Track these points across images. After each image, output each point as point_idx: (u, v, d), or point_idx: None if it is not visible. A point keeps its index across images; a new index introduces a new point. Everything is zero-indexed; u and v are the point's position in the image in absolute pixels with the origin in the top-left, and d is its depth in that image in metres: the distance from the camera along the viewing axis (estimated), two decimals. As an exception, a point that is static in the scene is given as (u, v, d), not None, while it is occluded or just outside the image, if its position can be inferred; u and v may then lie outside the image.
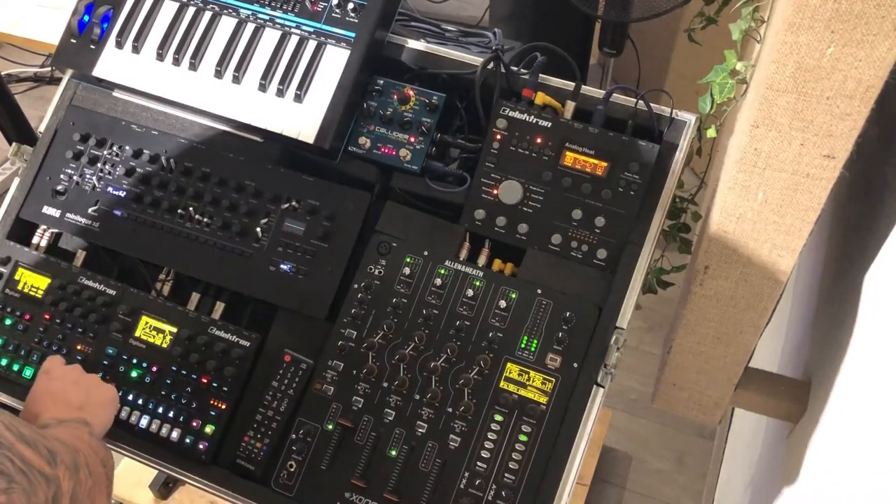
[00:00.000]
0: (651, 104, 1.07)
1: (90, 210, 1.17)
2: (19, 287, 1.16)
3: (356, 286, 1.07)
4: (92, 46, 1.19)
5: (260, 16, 1.17)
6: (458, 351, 1.02)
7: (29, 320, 1.14)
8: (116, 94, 1.22)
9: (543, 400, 0.99)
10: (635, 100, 1.08)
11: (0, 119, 2.19)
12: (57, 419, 0.89)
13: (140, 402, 1.08)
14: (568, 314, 1.01)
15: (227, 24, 1.17)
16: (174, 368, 1.08)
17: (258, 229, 1.12)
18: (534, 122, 1.08)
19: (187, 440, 1.06)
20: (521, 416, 0.99)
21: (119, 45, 1.18)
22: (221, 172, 1.15)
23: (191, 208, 1.14)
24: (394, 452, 1.00)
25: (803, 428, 1.16)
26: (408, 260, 1.07)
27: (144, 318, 1.11)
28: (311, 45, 1.14)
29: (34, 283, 1.16)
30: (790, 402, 1.18)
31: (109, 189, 1.17)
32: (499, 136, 1.08)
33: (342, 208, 1.11)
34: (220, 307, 1.13)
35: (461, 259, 1.07)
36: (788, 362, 1.39)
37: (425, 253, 1.07)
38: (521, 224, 1.06)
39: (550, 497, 0.96)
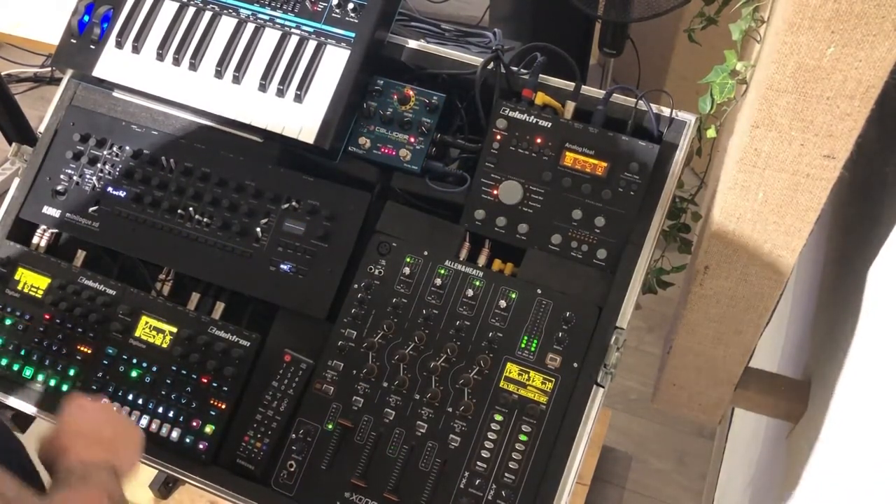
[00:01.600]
0: (651, 104, 1.07)
1: (90, 210, 1.17)
2: (19, 287, 1.16)
3: (356, 286, 1.07)
4: (92, 46, 1.19)
5: (260, 16, 1.17)
6: (458, 351, 1.02)
7: (29, 320, 1.14)
8: (116, 94, 1.22)
9: (543, 400, 0.99)
10: (635, 100, 1.08)
11: (0, 119, 2.19)
12: (83, 463, 0.84)
13: (140, 402, 1.08)
14: (568, 314, 1.01)
15: (227, 24, 1.17)
16: (174, 368, 1.08)
17: (258, 229, 1.12)
18: (534, 122, 1.08)
19: (187, 440, 1.06)
20: (521, 415, 0.99)
21: (119, 45, 1.18)
22: (221, 172, 1.15)
23: (191, 208, 1.14)
24: (394, 452, 1.00)
25: (803, 428, 1.16)
26: (408, 260, 1.07)
27: (144, 318, 1.11)
28: (311, 45, 1.14)
29: (34, 283, 1.16)
30: (790, 402, 1.18)
31: (109, 189, 1.17)
32: (499, 136, 1.08)
33: (342, 208, 1.11)
34: (220, 307, 1.13)
35: (461, 259, 1.07)
36: (788, 362, 1.39)
37: (425, 253, 1.07)
38: (521, 224, 1.06)
39: (550, 497, 0.96)
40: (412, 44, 1.18)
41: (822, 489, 0.97)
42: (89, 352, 1.11)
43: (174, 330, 1.10)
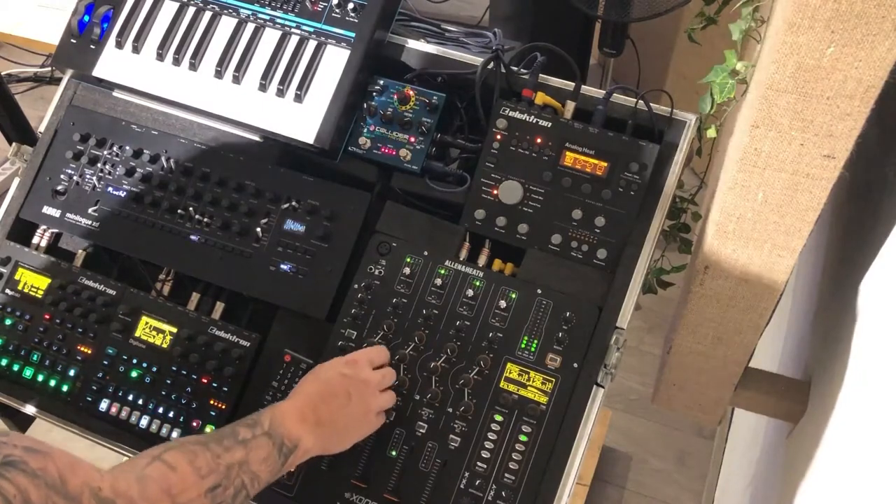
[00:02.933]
0: (651, 104, 1.07)
1: (90, 210, 1.17)
2: (19, 287, 1.16)
3: (356, 286, 1.07)
4: (92, 46, 1.19)
5: (260, 16, 1.17)
6: (458, 351, 1.02)
7: (29, 320, 1.14)
8: (116, 94, 1.22)
9: (543, 400, 0.99)
10: (635, 100, 1.08)
11: (0, 119, 2.20)
12: (287, 421, 0.88)
13: (140, 402, 1.08)
14: (568, 314, 1.01)
15: (227, 24, 1.17)
16: (174, 368, 1.08)
17: (258, 229, 1.12)
18: (534, 122, 1.08)
19: (187, 440, 1.06)
20: (521, 416, 0.99)
21: (119, 45, 1.18)
22: (221, 172, 1.15)
23: (191, 208, 1.14)
24: (394, 452, 1.00)
25: (803, 428, 1.16)
26: (408, 260, 1.07)
27: (144, 318, 1.11)
28: (311, 45, 1.14)
29: (34, 283, 1.16)
30: (790, 402, 1.18)
31: (109, 189, 1.17)
32: (499, 136, 1.08)
33: (342, 208, 1.11)
34: (220, 307, 1.13)
35: (461, 259, 1.07)
36: (788, 362, 1.39)
37: (425, 253, 1.07)
38: (521, 224, 1.06)
39: (550, 497, 0.96)
40: (412, 44, 1.18)
41: (822, 489, 0.97)
42: (89, 352, 1.11)
43: (174, 330, 1.10)
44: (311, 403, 0.91)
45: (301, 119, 1.11)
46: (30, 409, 1.12)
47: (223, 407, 1.06)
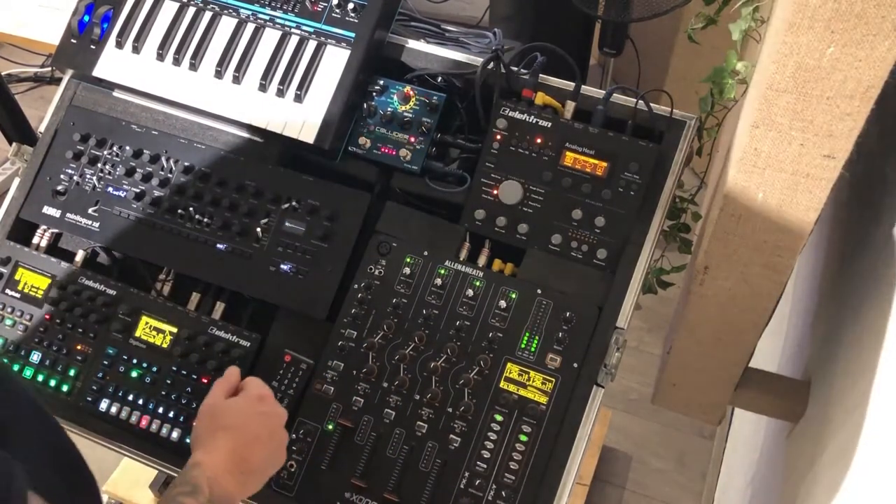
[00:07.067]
0: (651, 104, 1.07)
1: (90, 210, 1.17)
2: (19, 287, 1.16)
3: (356, 286, 1.07)
4: (92, 46, 1.19)
5: (260, 16, 1.17)
6: (458, 351, 1.02)
7: (29, 320, 1.14)
8: (116, 94, 1.22)
9: (543, 400, 0.99)
10: (635, 100, 1.08)
11: (0, 119, 2.19)
12: (223, 482, 0.81)
13: (140, 402, 1.08)
14: (568, 314, 1.01)
15: (227, 25, 1.17)
16: (174, 368, 1.08)
17: (258, 229, 1.12)
18: (534, 122, 1.08)
19: (187, 440, 1.06)
20: (521, 416, 0.99)
21: (119, 45, 1.18)
22: (221, 172, 1.15)
23: (191, 208, 1.14)
24: (394, 452, 1.00)
25: (803, 428, 1.16)
26: (408, 260, 1.07)
27: (144, 318, 1.11)
28: (312, 45, 1.14)
29: (34, 283, 1.16)
30: (790, 402, 1.18)
31: (109, 189, 1.17)
32: (499, 136, 1.08)
33: (342, 208, 1.11)
34: (220, 307, 1.13)
35: (461, 259, 1.07)
36: (788, 362, 1.39)
37: (425, 253, 1.07)
38: (521, 224, 1.06)
39: (550, 497, 0.96)
40: (412, 44, 1.18)
41: (822, 489, 0.97)
42: (89, 352, 1.11)
43: (174, 330, 1.10)
44: (239, 457, 0.85)
45: (301, 119, 1.11)
46: (30, 409, 1.12)
47: (223, 407, 1.06)
